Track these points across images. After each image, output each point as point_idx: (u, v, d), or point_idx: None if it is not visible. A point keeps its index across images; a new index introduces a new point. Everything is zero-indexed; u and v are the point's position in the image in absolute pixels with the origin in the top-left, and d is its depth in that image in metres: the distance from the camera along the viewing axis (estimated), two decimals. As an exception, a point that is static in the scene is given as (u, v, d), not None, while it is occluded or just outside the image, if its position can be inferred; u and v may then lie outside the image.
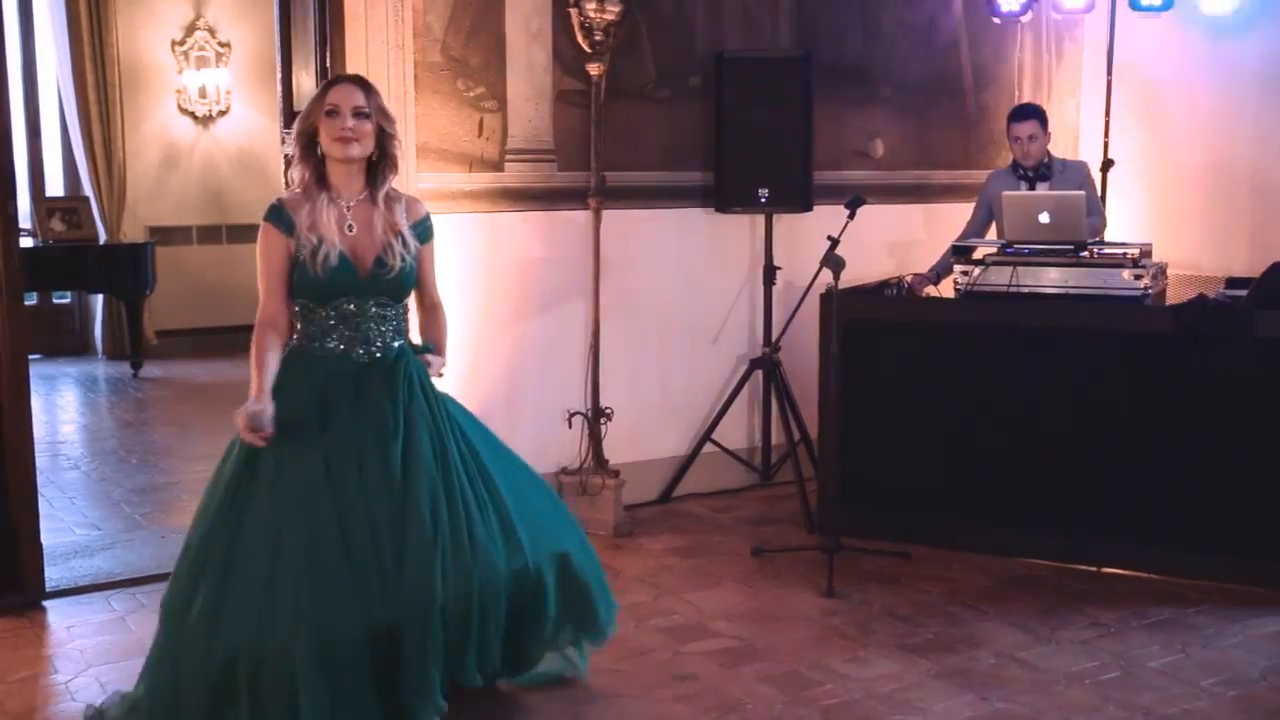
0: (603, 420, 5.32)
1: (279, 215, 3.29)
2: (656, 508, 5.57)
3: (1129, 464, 4.68)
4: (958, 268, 5.08)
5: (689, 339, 5.74)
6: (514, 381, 5.29)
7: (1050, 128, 5.63)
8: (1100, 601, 4.42)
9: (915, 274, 5.46)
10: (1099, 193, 5.89)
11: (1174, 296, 5.04)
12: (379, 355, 3.29)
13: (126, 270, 8.89)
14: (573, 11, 5.19)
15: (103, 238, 9.28)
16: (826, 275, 4.79)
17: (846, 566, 4.63)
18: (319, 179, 3.32)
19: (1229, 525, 4.55)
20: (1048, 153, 5.58)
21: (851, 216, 5.05)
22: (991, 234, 5.53)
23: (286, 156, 5.27)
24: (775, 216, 5.65)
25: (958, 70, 6.49)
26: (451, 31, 5.06)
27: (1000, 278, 4.94)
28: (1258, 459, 4.49)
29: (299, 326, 3.32)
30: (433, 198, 5.00)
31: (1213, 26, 5.95)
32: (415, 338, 3.54)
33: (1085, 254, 4.92)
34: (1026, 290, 4.91)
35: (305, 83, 5.08)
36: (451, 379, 5.07)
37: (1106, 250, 4.99)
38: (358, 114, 3.26)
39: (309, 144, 3.31)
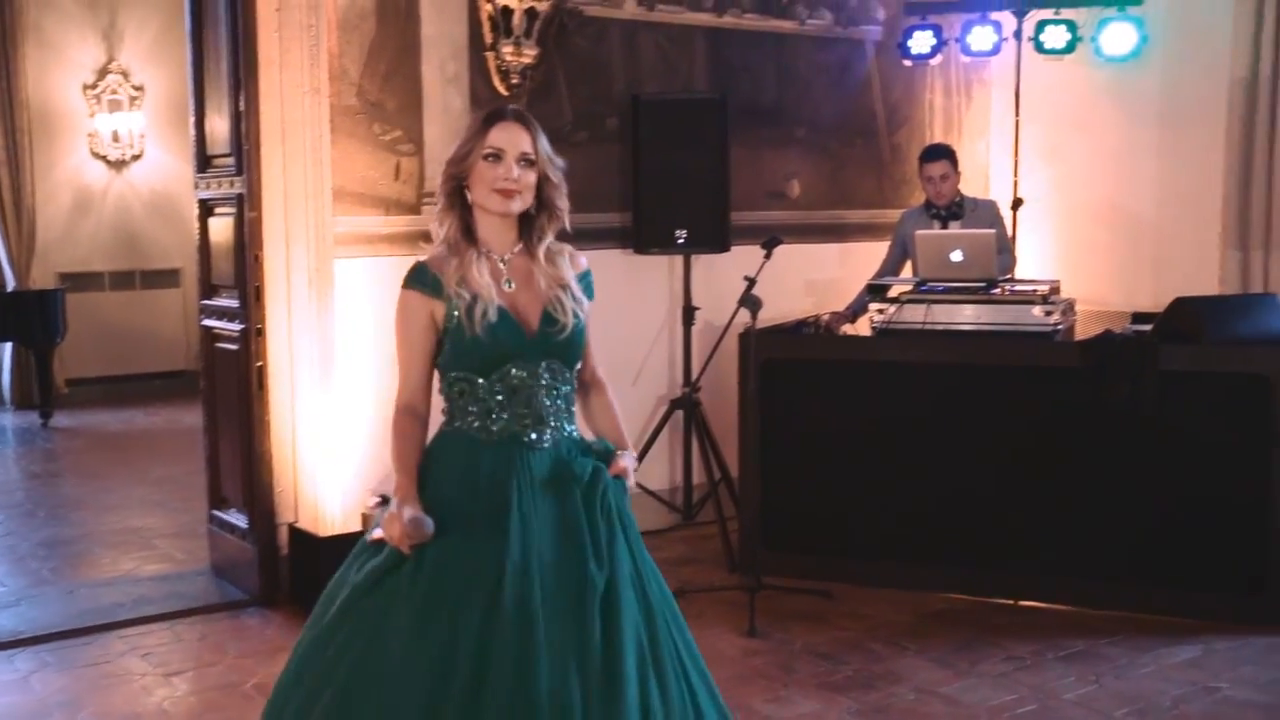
0: (523, 463, 5.28)
1: (422, 277, 2.69)
2: (579, 550, 5.53)
3: (1042, 497, 4.76)
4: (873, 306, 5.14)
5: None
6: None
7: (961, 167, 5.74)
8: (1017, 634, 4.47)
9: (832, 312, 5.53)
10: (1009, 230, 6.02)
11: (1083, 332, 5.14)
12: (555, 442, 2.67)
13: (35, 318, 8.71)
14: (489, 55, 5.21)
15: (10, 285, 9.08)
16: (745, 315, 4.83)
17: (768, 605, 4.64)
18: (465, 231, 2.74)
19: (1137, 556, 4.64)
20: (959, 192, 5.69)
21: (768, 256, 5.10)
22: (907, 272, 5.62)
23: (202, 201, 5.21)
24: (693, 257, 5.69)
25: (871, 112, 6.61)
26: (367, 75, 5.05)
27: (915, 315, 5.02)
28: (1163, 490, 4.59)
29: (451, 409, 2.70)
30: (349, 241, 4.98)
31: (1114, 68, 6.12)
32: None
33: (997, 291, 5.02)
34: (941, 327, 4.99)
35: (219, 126, 5.04)
36: (365, 429, 5.07)
37: (1017, 287, 5.09)
38: (524, 161, 2.69)
39: (456, 190, 2.73)
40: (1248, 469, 4.49)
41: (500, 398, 2.65)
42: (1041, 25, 6.06)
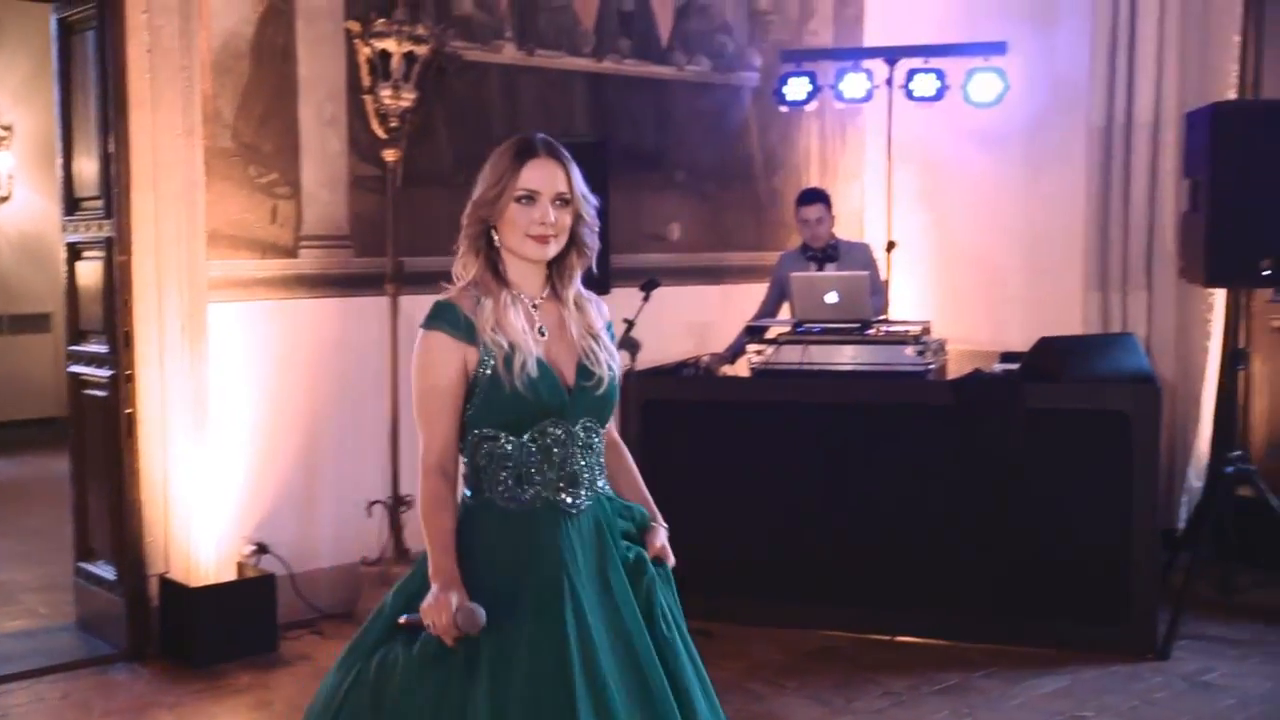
0: (404, 508, 5.24)
1: (452, 318, 2.42)
2: (461, 595, 5.48)
3: (916, 533, 4.86)
4: (752, 347, 5.22)
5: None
6: (311, 471, 5.18)
7: (836, 210, 5.87)
8: (893, 670, 4.54)
9: (712, 354, 5.59)
10: (882, 272, 6.16)
11: (954, 371, 5.28)
12: (590, 505, 2.47)
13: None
14: (368, 98, 5.19)
15: None
16: (625, 356, 4.86)
17: (650, 646, 4.64)
18: (495, 272, 2.49)
19: (1009, 589, 4.76)
20: (834, 235, 5.82)
21: (646, 299, 5.14)
22: (785, 313, 5.71)
23: (70, 245, 5.07)
24: (574, 299, 5.70)
25: (749, 156, 6.73)
26: (242, 117, 5.00)
27: (792, 356, 5.10)
28: (1031, 524, 4.72)
29: (476, 476, 2.46)
30: (224, 285, 4.91)
31: (981, 115, 6.32)
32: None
33: (871, 332, 5.13)
34: (817, 368, 5.08)
35: (87, 168, 4.94)
36: (240, 477, 4.98)
37: (890, 328, 5.21)
38: (559, 201, 2.46)
39: (483, 233, 2.49)
40: (1110, 503, 4.64)
41: (535, 458, 2.41)
42: (912, 74, 6.25)
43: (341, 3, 5.20)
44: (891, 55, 6.31)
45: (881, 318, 5.59)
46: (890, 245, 6.41)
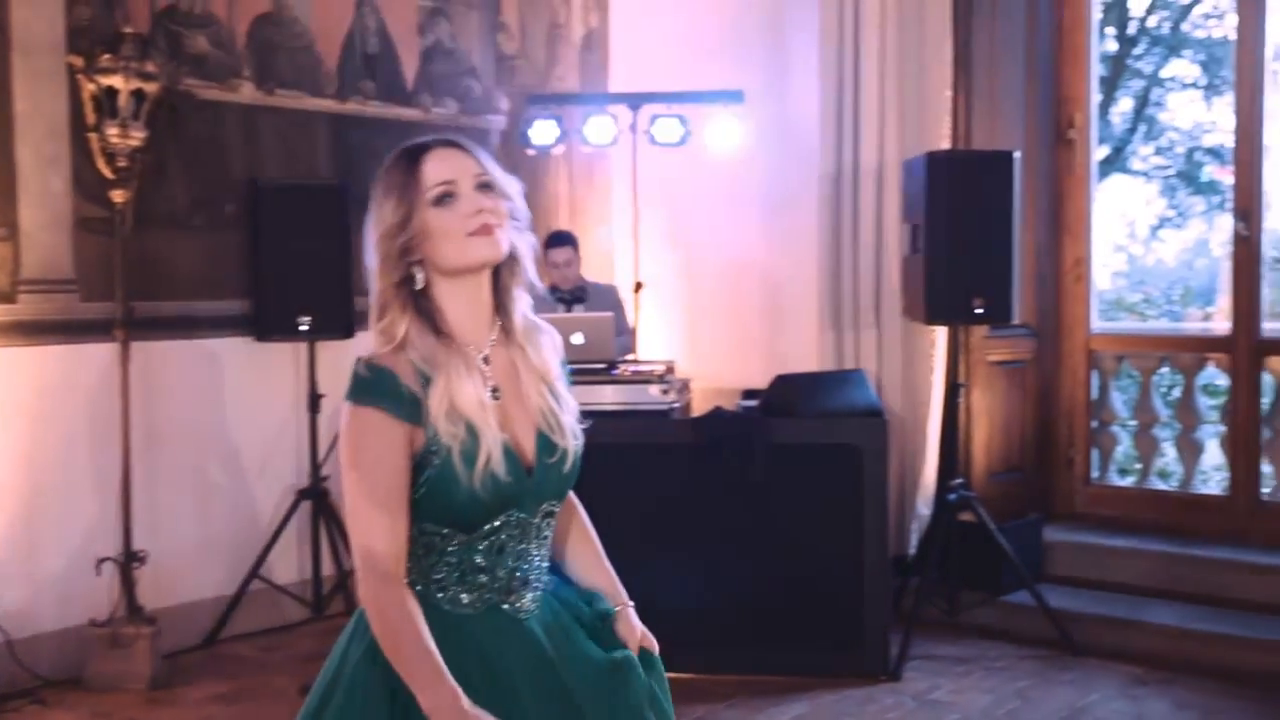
0: (136, 564, 5.00)
1: (390, 388, 1.95)
2: (200, 653, 5.26)
3: (665, 569, 4.94)
4: (499, 389, 5.22)
5: (232, 472, 5.54)
6: (33, 528, 4.88)
7: (583, 252, 5.96)
8: (642, 704, 4.60)
9: (461, 396, 5.56)
10: (630, 313, 6.28)
11: (698, 409, 5.43)
12: (537, 608, 2.08)
13: None
14: (93, 136, 4.97)
15: None
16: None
17: (399, 695, 4.56)
18: (433, 328, 2.00)
19: (752, 620, 4.90)
20: (581, 276, 5.91)
21: (391, 343, 5.10)
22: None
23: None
24: (318, 343, 5.60)
25: (498, 198, 6.74)
26: (-48, 155, 4.71)
27: (539, 398, 5.13)
28: (772, 556, 4.88)
29: (410, 555, 2.00)
30: (-70, 333, 4.60)
31: (721, 160, 6.53)
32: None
33: (617, 372, 5.23)
34: (564, 409, 5.12)
35: None
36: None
37: (636, 368, 5.32)
38: (483, 188, 2.03)
39: (406, 276, 2.00)
40: (843, 532, 4.85)
41: (480, 560, 2.01)
42: (655, 119, 6.42)
43: (64, 37, 4.97)
44: (635, 101, 6.47)
45: (628, 357, 5.70)
46: (638, 286, 6.53)
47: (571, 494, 2.23)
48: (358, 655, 2.00)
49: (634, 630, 2.16)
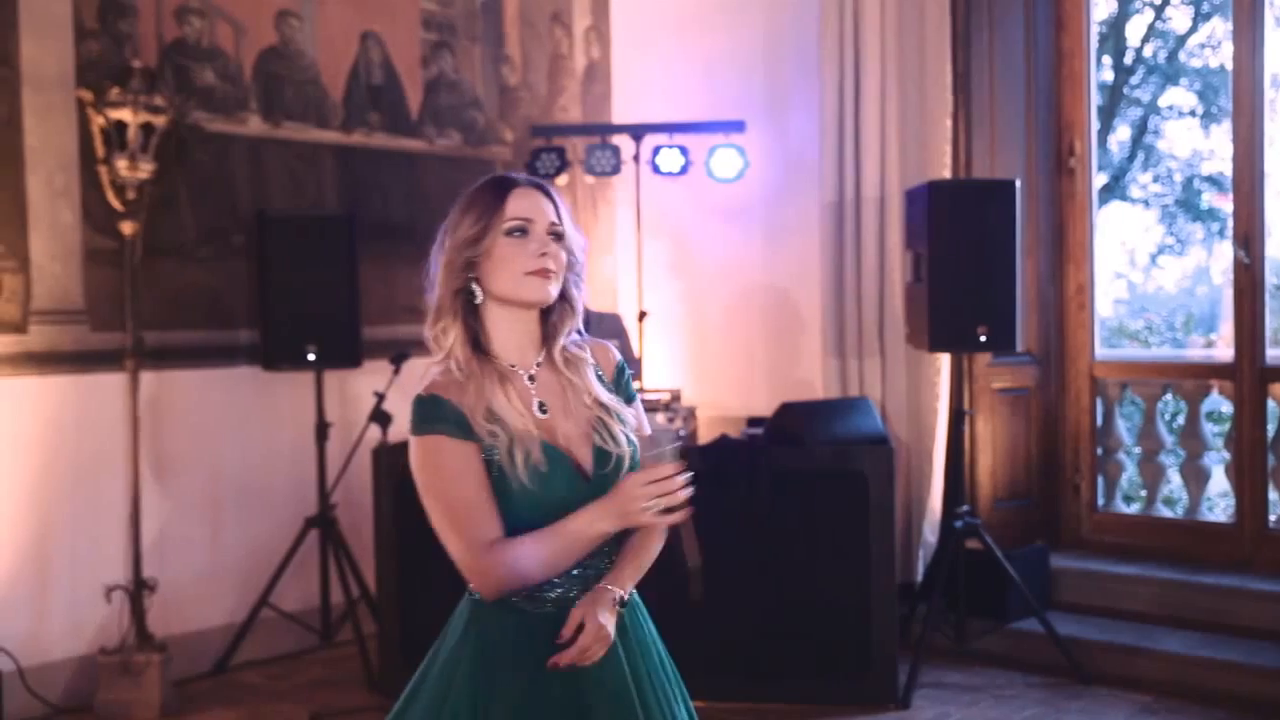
0: (146, 592, 5.01)
1: (443, 413, 2.14)
2: (210, 680, 5.27)
3: (670, 598, 4.95)
4: (506, 418, 5.24)
5: (240, 501, 5.56)
6: (44, 557, 4.91)
7: (588, 282, 5.98)
8: (651, 732, 4.60)
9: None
10: (634, 342, 6.31)
11: (704, 437, 5.46)
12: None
13: None
14: (102, 169, 5.02)
15: None
16: (377, 430, 4.82)
17: (407, 724, 4.57)
18: (474, 344, 2.20)
19: (760, 648, 4.90)
20: (586, 306, 5.93)
21: (396, 371, 5.13)
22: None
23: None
24: (326, 373, 5.62)
25: (503, 228, 6.78)
26: (-37, 188, 4.75)
27: (546, 426, 5.15)
28: (780, 583, 4.89)
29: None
30: (-58, 364, 4.63)
31: (724, 189, 6.58)
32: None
33: (622, 400, 5.24)
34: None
35: None
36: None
37: (642, 397, 5.34)
38: (553, 234, 2.19)
39: (464, 287, 2.19)
40: (851, 559, 4.86)
41: None
42: (657, 149, 6.47)
43: (73, 71, 5.03)
44: (638, 131, 6.53)
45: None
46: (642, 315, 6.58)
47: None
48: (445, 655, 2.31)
49: (579, 610, 2.17)
